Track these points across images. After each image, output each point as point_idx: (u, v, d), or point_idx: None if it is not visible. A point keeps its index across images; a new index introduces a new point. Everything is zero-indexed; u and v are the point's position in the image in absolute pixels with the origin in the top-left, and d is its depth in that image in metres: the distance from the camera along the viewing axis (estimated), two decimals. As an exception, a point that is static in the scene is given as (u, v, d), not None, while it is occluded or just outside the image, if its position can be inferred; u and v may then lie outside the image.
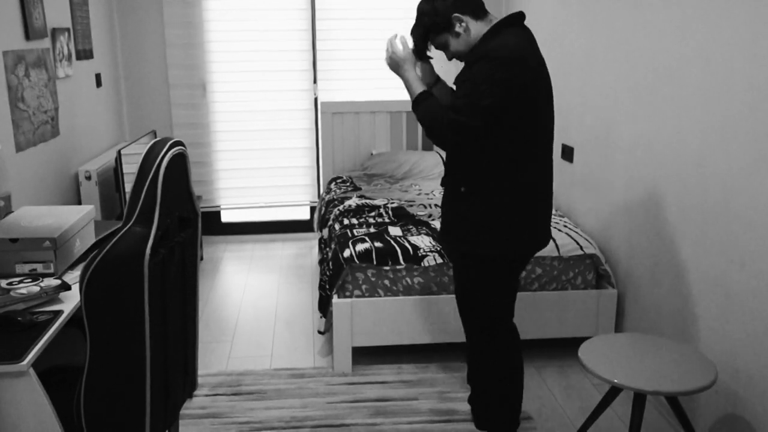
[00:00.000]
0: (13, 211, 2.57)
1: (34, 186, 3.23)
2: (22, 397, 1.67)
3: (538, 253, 3.13)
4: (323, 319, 3.20)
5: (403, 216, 3.61)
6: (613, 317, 3.16)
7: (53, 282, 1.99)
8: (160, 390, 1.80)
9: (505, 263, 2.32)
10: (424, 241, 3.18)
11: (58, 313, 1.87)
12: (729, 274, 2.36)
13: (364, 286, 3.10)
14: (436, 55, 2.44)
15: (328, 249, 3.48)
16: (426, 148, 5.00)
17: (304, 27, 4.85)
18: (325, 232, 3.79)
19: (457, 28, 2.20)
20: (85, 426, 1.69)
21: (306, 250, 4.97)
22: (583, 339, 3.14)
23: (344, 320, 3.06)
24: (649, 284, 2.90)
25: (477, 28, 2.20)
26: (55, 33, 3.52)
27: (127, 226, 1.61)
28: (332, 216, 3.75)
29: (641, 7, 2.91)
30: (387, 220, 3.55)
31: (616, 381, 2.08)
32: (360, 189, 4.28)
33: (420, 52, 2.34)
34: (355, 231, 3.35)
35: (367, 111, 4.87)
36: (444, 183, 2.38)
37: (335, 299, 3.07)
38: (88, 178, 3.71)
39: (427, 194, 4.09)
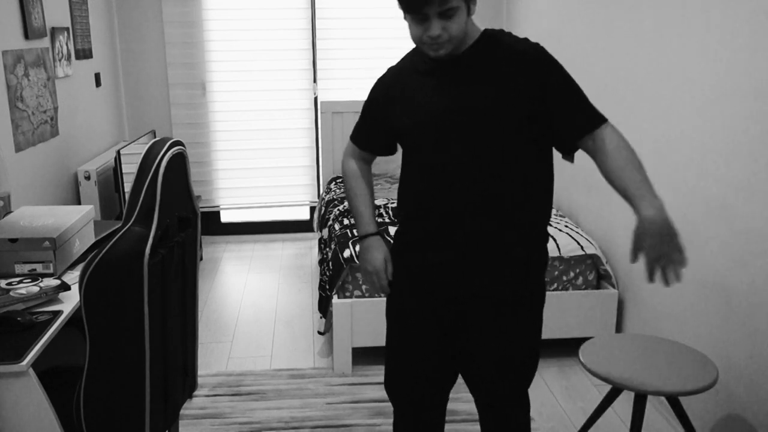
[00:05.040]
0: (12, 211, 2.56)
1: (33, 186, 3.23)
2: (21, 397, 1.67)
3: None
4: (323, 320, 3.19)
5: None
6: (613, 317, 3.16)
7: (53, 282, 1.98)
8: (160, 390, 1.79)
9: None
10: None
11: (58, 313, 1.86)
12: (729, 274, 2.36)
13: (364, 287, 3.09)
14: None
15: (328, 249, 3.47)
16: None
17: (303, 26, 4.84)
18: (325, 232, 3.79)
19: (472, 5, 1.71)
20: (85, 426, 1.69)
21: (306, 250, 4.96)
22: (583, 339, 3.13)
23: (344, 321, 3.06)
24: (650, 284, 2.90)
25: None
26: (54, 32, 3.51)
27: (127, 226, 1.61)
28: (332, 216, 3.75)
29: (641, 6, 2.90)
30: (387, 220, 3.55)
31: (616, 381, 2.07)
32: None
33: None
34: (355, 231, 3.34)
35: (367, 111, 4.85)
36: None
37: (335, 299, 3.06)
38: (88, 178, 3.70)
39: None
